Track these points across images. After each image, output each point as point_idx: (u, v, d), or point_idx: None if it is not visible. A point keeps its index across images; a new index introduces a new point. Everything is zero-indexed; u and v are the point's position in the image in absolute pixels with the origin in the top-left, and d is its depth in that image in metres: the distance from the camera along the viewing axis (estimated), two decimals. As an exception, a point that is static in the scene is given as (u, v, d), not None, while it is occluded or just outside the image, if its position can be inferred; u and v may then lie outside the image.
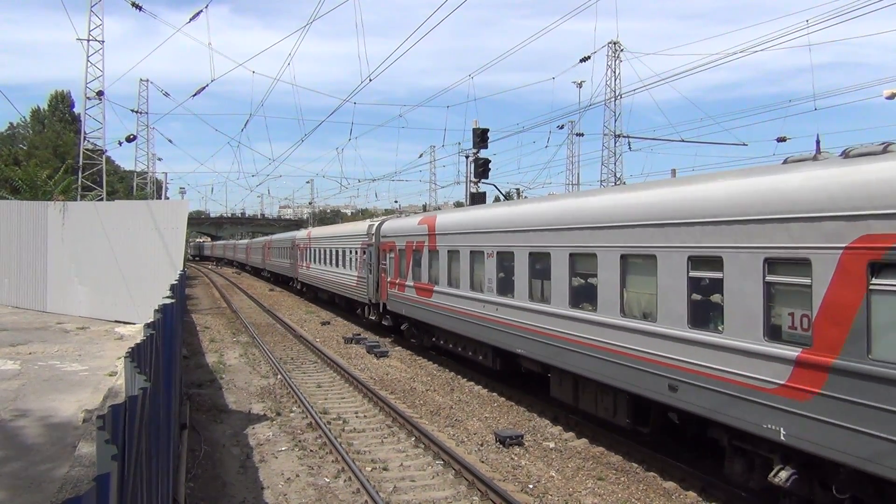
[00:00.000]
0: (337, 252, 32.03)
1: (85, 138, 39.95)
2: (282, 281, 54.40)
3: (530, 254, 14.00)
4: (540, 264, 13.76)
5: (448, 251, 18.23)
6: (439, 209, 24.01)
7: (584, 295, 12.34)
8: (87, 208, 30.92)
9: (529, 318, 13.94)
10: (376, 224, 25.94)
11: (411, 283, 20.95)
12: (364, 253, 26.67)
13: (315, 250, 38.03)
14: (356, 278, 28.04)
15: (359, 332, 27.26)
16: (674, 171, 13.08)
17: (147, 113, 59.75)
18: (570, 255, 12.63)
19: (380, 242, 24.74)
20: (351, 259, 29.14)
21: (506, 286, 15.08)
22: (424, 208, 56.97)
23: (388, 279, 23.35)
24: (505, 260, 15.15)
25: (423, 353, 22.05)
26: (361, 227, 28.45)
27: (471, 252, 16.76)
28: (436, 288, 18.96)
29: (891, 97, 24.09)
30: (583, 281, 12.48)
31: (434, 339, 20.37)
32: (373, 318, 26.25)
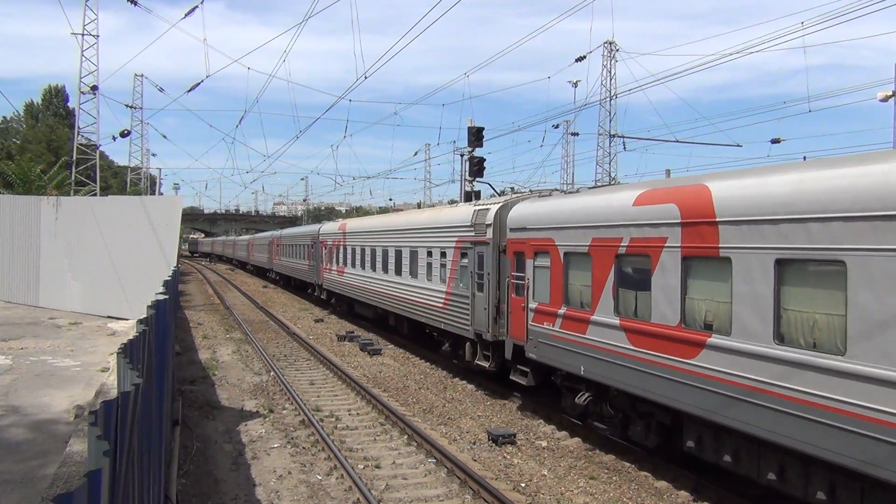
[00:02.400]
0: (399, 253, 22.32)
1: (79, 133, 39.83)
2: (297, 286, 43.92)
3: None
4: None
5: (781, 261, 8.26)
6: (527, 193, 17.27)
7: None
8: (81, 203, 30.82)
9: None
10: (494, 209, 15.81)
11: (610, 320, 11.20)
12: (464, 256, 17.25)
13: (354, 249, 28.00)
14: (444, 296, 18.32)
15: (352, 329, 27.23)
16: (668, 172, 13.00)
17: (141, 108, 59.92)
18: None
19: (506, 240, 15.20)
20: (432, 265, 19.52)
21: None
22: (419, 206, 56.91)
23: (532, 305, 13.87)
24: None
25: (418, 351, 22.00)
26: (458, 214, 18.35)
27: None
28: (716, 340, 9.05)
29: (885, 99, 24.22)
30: None
31: (711, 445, 9.73)
32: (483, 364, 16.17)
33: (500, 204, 15.85)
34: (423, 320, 20.02)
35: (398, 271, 22.37)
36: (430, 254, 19.68)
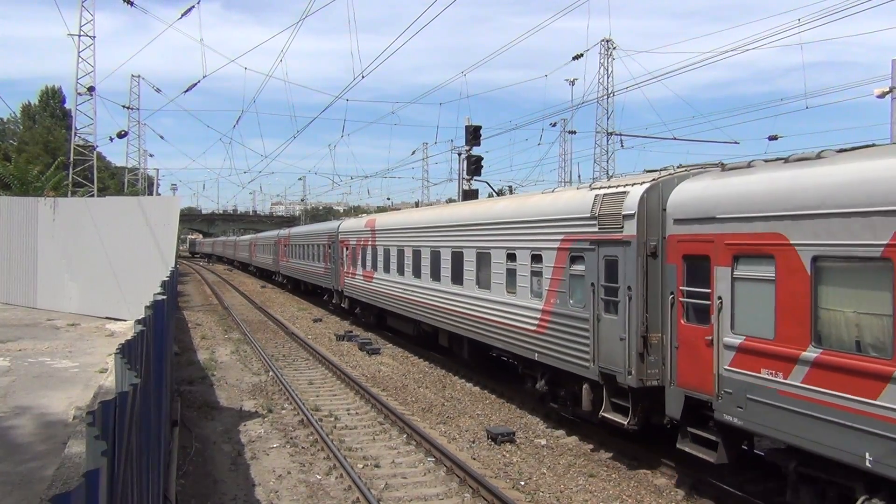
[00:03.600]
0: (459, 256, 17.28)
1: (76, 134, 39.79)
2: (309, 291, 39.73)
3: None
4: None
5: None
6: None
7: None
8: (78, 204, 30.78)
9: None
10: (638, 191, 10.81)
11: None
12: (575, 261, 12.27)
13: (388, 250, 23.00)
14: (539, 316, 13.38)
15: (350, 328, 27.23)
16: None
17: (139, 109, 59.71)
18: None
19: (664, 236, 10.30)
20: (516, 272, 14.41)
21: None
22: (417, 205, 56.87)
23: (729, 339, 8.92)
24: None
25: (416, 350, 21.99)
26: (566, 202, 12.98)
27: None
28: None
29: (881, 96, 24.25)
30: None
31: None
32: (619, 419, 11.17)
33: (649, 184, 10.76)
34: (502, 346, 15.13)
35: (457, 279, 17.39)
36: (511, 257, 14.64)
